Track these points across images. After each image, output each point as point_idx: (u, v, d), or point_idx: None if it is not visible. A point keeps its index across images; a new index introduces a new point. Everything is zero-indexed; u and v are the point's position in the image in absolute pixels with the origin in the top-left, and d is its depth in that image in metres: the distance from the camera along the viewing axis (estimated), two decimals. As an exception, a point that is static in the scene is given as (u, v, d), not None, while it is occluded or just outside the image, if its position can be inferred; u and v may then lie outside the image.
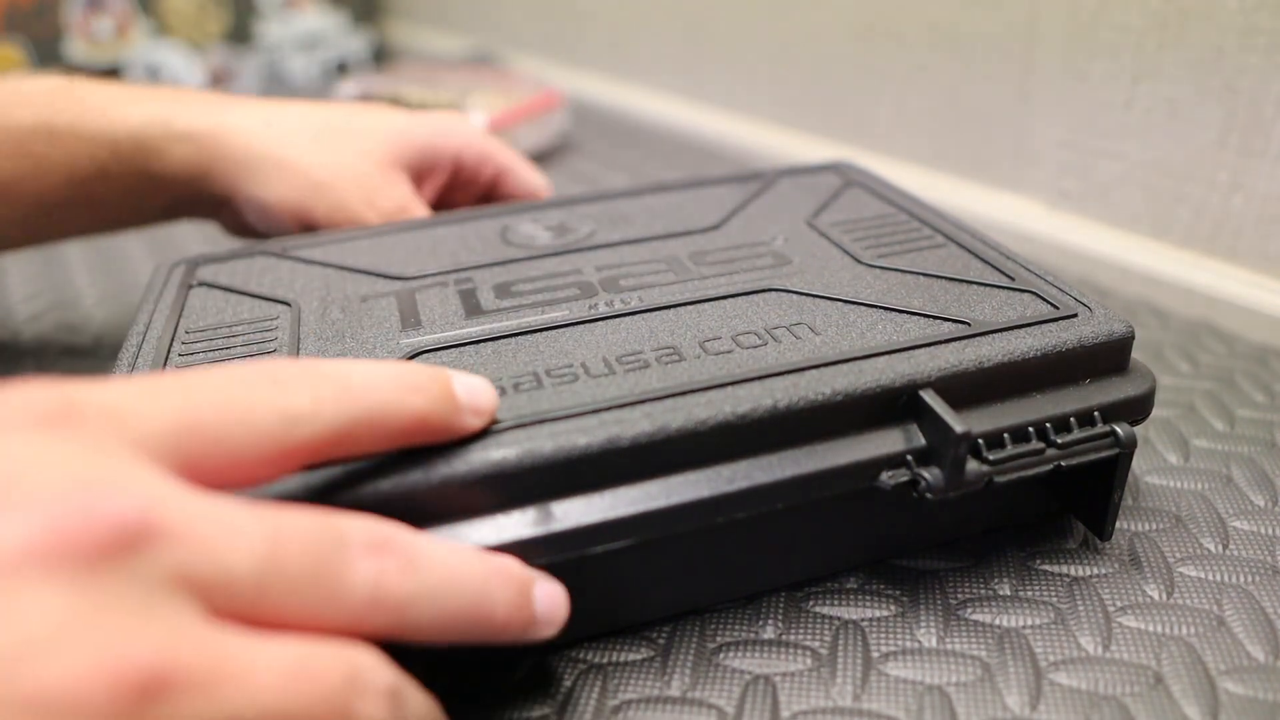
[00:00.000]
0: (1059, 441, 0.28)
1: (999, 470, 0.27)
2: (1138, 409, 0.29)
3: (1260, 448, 0.36)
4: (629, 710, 0.26)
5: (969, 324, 0.29)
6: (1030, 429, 0.28)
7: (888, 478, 0.27)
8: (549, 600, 0.23)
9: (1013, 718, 0.25)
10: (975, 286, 0.32)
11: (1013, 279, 0.32)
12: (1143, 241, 0.51)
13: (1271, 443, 0.36)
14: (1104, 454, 0.28)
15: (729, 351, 0.28)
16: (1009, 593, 0.29)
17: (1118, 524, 0.32)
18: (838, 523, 0.29)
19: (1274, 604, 0.29)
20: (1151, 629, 0.28)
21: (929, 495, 0.26)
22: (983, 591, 0.29)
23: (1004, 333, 0.29)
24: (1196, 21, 0.45)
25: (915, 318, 0.30)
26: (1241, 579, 0.30)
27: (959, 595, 0.29)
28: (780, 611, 0.29)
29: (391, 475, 0.24)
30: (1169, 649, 0.27)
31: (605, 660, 0.28)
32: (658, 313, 0.31)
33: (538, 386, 0.27)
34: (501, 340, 0.30)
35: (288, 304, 0.33)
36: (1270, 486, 0.34)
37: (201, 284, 0.35)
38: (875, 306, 0.30)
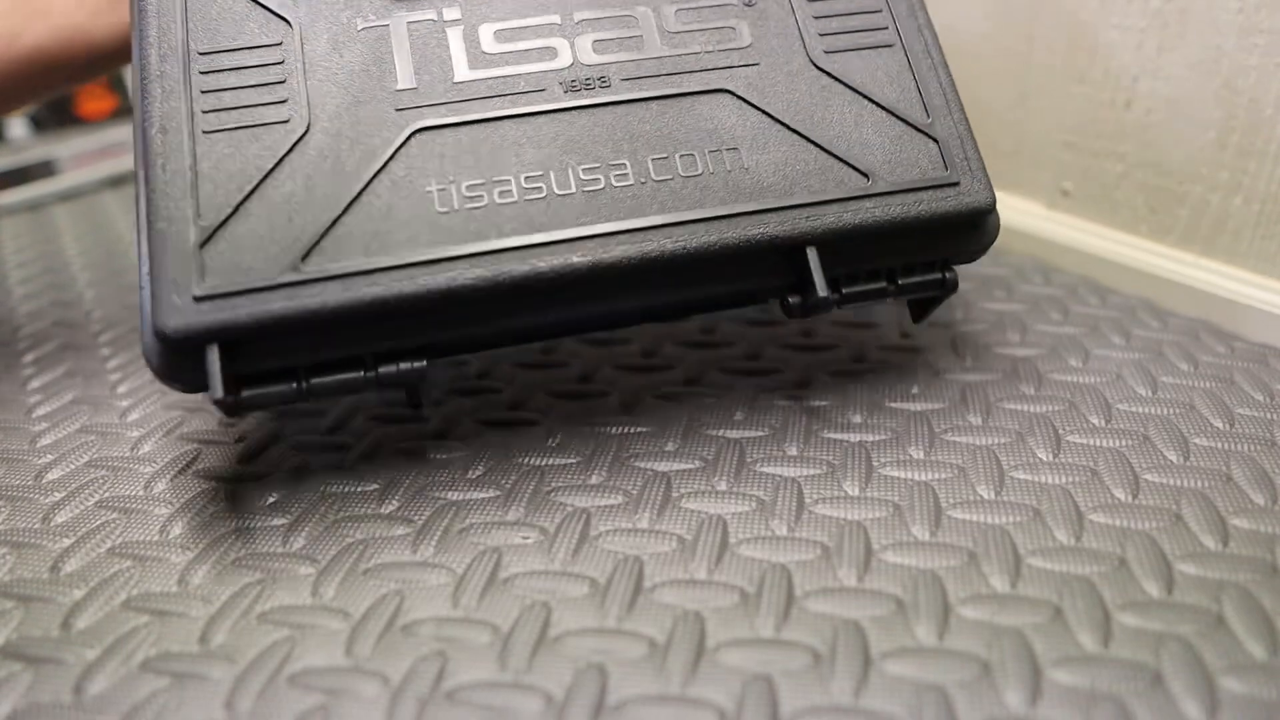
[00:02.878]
0: (900, 283, 0.37)
1: (845, 300, 0.36)
2: (974, 256, 0.38)
3: (1260, 446, 0.36)
4: (629, 709, 0.26)
5: (867, 178, 0.36)
6: (882, 270, 0.37)
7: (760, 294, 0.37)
8: None
9: (1011, 716, 0.25)
10: (892, 120, 0.37)
11: (929, 116, 0.37)
12: (1143, 241, 0.51)
13: (1271, 441, 0.36)
14: (931, 294, 0.38)
15: (668, 179, 0.35)
16: (1007, 590, 0.29)
17: (1118, 523, 0.32)
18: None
19: (1273, 602, 0.29)
20: (1151, 627, 0.28)
21: (788, 315, 0.36)
22: (981, 589, 0.30)
23: (891, 196, 0.35)
24: (1196, 21, 0.46)
25: (828, 157, 0.36)
26: (1241, 577, 0.30)
27: (958, 592, 0.29)
28: (780, 610, 0.29)
29: None
30: (1168, 646, 0.27)
31: (604, 659, 0.28)
32: (623, 107, 0.36)
33: (508, 200, 0.34)
34: (482, 126, 0.35)
35: (288, 23, 0.35)
36: (1270, 485, 0.34)
37: None
38: (800, 136, 0.36)
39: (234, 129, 0.33)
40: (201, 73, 0.34)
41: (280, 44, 0.35)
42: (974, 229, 0.38)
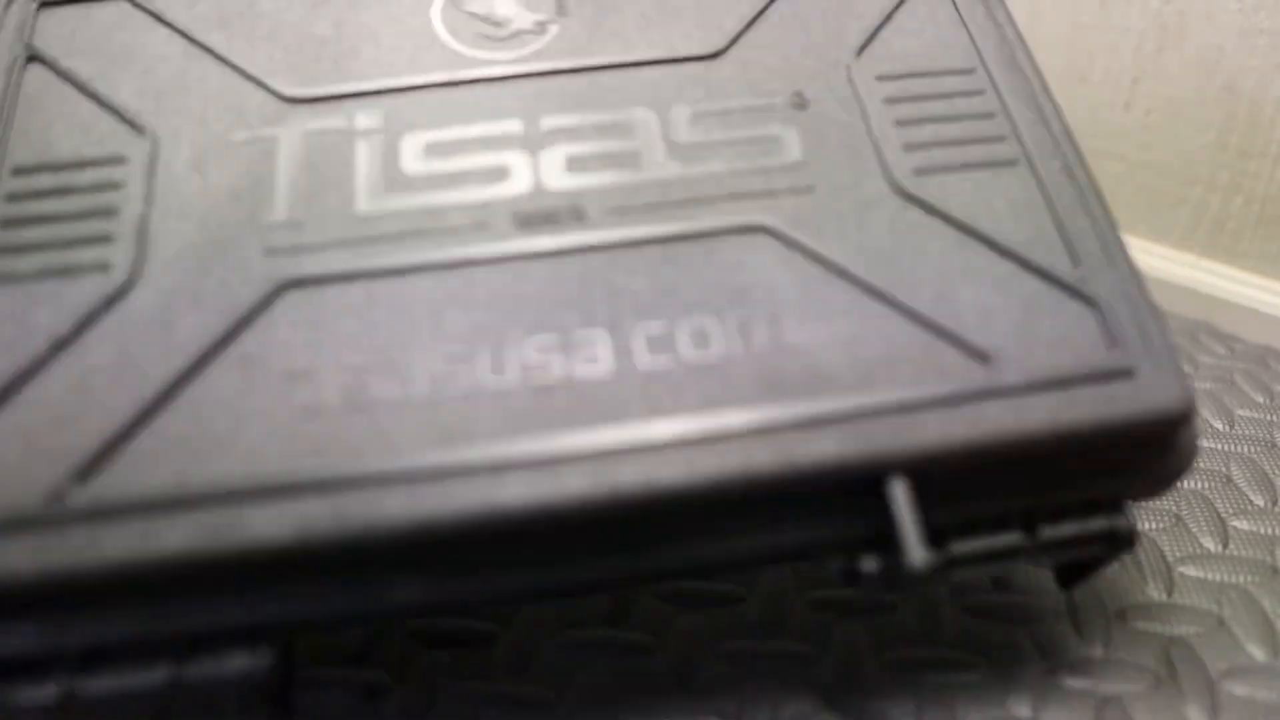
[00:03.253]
0: (1042, 538, 0.23)
1: (956, 564, 0.22)
2: (1157, 490, 0.24)
3: (1260, 448, 0.36)
4: (631, 711, 0.26)
5: (987, 360, 0.22)
6: (1014, 514, 0.23)
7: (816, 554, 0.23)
8: None
9: (1015, 719, 0.25)
10: (1021, 272, 0.24)
11: (1078, 266, 0.24)
12: (1143, 242, 0.51)
13: (1271, 443, 0.36)
14: (1089, 554, 0.24)
15: (664, 374, 0.22)
16: (1009, 593, 0.29)
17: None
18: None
19: (1274, 604, 0.29)
20: (1151, 629, 0.28)
21: (863, 588, 0.23)
22: (983, 592, 0.30)
23: (1025, 396, 0.22)
24: (1196, 22, 0.46)
25: (923, 331, 0.23)
26: (1241, 579, 0.30)
27: (960, 596, 0.29)
28: (781, 612, 0.29)
29: None
30: (1169, 649, 0.27)
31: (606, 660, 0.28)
32: (605, 254, 0.24)
33: (412, 395, 0.22)
34: (386, 279, 0.23)
35: (142, 131, 0.26)
36: (1270, 486, 0.34)
37: (40, 60, 0.27)
38: (878, 296, 0.23)
39: (32, 278, 0.23)
40: (8, 197, 0.25)
41: (124, 160, 0.25)
42: (1158, 448, 0.23)
